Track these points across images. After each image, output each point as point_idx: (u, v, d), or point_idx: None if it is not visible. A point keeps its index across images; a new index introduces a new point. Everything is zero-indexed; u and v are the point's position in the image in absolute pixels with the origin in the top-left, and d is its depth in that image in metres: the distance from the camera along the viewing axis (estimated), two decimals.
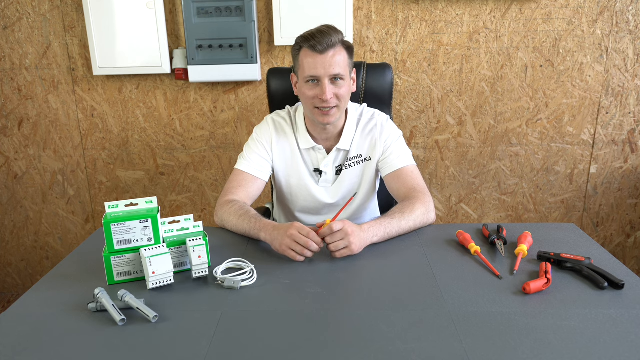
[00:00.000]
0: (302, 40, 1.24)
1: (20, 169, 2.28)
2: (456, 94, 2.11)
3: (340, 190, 1.40)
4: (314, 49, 1.21)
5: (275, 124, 1.39)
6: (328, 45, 1.21)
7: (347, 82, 1.27)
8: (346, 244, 1.06)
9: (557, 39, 2.03)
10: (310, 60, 1.23)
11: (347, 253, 1.07)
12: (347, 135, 1.37)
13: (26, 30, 2.09)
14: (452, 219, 2.31)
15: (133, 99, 2.16)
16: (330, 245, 1.07)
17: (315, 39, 1.21)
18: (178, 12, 2.06)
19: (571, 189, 2.23)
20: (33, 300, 0.96)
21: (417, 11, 2.02)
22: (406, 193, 1.30)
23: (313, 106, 1.27)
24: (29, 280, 2.48)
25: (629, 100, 2.10)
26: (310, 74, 1.23)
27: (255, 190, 1.35)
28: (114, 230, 0.98)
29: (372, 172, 1.41)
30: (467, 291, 0.95)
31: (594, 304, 0.90)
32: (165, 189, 2.29)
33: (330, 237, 1.07)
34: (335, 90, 1.24)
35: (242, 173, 1.35)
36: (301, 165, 1.39)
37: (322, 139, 1.38)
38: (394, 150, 1.37)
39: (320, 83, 1.23)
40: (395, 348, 0.78)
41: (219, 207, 1.28)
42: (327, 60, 1.21)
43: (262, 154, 1.37)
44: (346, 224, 1.08)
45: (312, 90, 1.25)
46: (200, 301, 0.94)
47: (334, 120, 1.29)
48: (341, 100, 1.26)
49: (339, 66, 1.23)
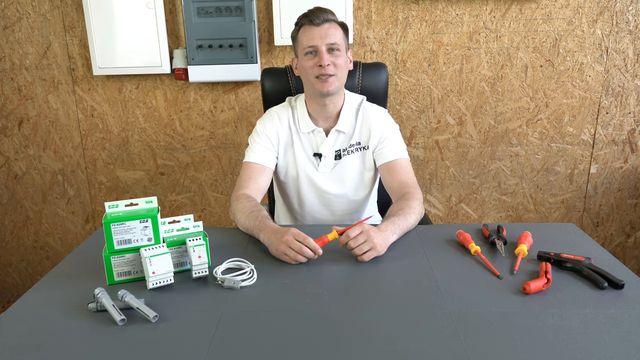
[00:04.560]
0: (301, 18, 1.34)
1: (20, 169, 2.28)
2: (456, 94, 2.11)
3: (341, 176, 1.42)
4: (312, 22, 1.31)
5: (277, 113, 1.44)
6: (324, 19, 1.31)
7: (344, 55, 1.34)
8: (371, 245, 1.07)
9: (557, 39, 2.03)
10: (307, 33, 1.32)
11: (374, 254, 1.07)
12: (344, 117, 1.40)
13: (26, 30, 2.09)
14: (452, 219, 2.31)
15: (133, 99, 2.16)
16: (355, 250, 1.07)
17: (312, 14, 1.31)
18: (178, 12, 2.06)
19: (571, 189, 2.23)
20: (33, 300, 0.95)
21: (417, 11, 2.02)
22: (399, 187, 1.34)
23: (313, 76, 1.32)
24: (29, 280, 2.48)
25: (629, 100, 2.10)
26: (309, 44, 1.31)
27: (265, 181, 1.39)
28: (114, 230, 0.98)
29: (371, 162, 1.44)
30: (467, 291, 0.95)
31: (594, 304, 0.90)
32: (165, 189, 2.29)
33: (353, 242, 1.07)
34: (333, 59, 1.31)
35: (251, 165, 1.38)
36: (300, 150, 1.42)
37: (321, 119, 1.41)
38: (390, 141, 1.40)
39: (318, 51, 1.30)
40: (395, 348, 0.78)
41: (232, 201, 1.31)
42: (324, 31, 1.30)
43: (266, 144, 1.40)
44: (364, 226, 1.09)
45: (311, 61, 1.32)
46: (200, 301, 0.94)
47: (333, 89, 1.33)
48: (339, 69, 1.32)
49: (335, 37, 1.31)
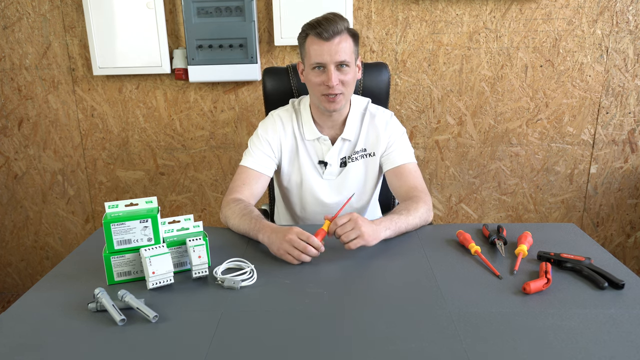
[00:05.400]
0: (308, 28, 1.26)
1: (20, 169, 2.28)
2: (456, 94, 2.11)
3: (345, 183, 1.41)
4: (320, 36, 1.23)
5: (281, 118, 1.40)
6: (334, 32, 1.22)
7: (353, 69, 1.29)
8: (358, 233, 1.06)
9: (557, 39, 2.03)
10: (316, 47, 1.24)
11: (361, 242, 1.06)
12: (350, 125, 1.38)
13: (26, 30, 2.09)
14: (452, 219, 2.30)
15: (133, 99, 2.16)
16: (342, 237, 1.06)
17: (321, 26, 1.22)
18: (178, 12, 2.06)
19: (571, 189, 2.23)
20: (33, 300, 0.96)
21: (417, 11, 2.02)
22: (407, 191, 1.31)
23: (320, 93, 1.28)
24: (29, 280, 2.48)
25: (629, 100, 2.10)
26: (317, 60, 1.25)
27: (260, 188, 1.36)
28: (114, 230, 0.98)
29: (375, 168, 1.42)
30: (467, 291, 0.95)
31: (594, 304, 0.90)
32: (165, 189, 2.29)
33: (340, 229, 1.07)
34: (341, 76, 1.26)
35: (247, 170, 1.35)
36: (305, 157, 1.39)
37: (327, 127, 1.39)
38: (397, 146, 1.38)
39: (326, 69, 1.25)
40: (395, 348, 0.78)
41: (223, 206, 1.29)
42: (333, 47, 1.23)
43: (266, 150, 1.37)
44: (353, 214, 1.08)
45: (318, 77, 1.27)
46: (200, 301, 0.94)
47: (340, 107, 1.31)
48: (347, 86, 1.28)
49: (345, 53, 1.24)
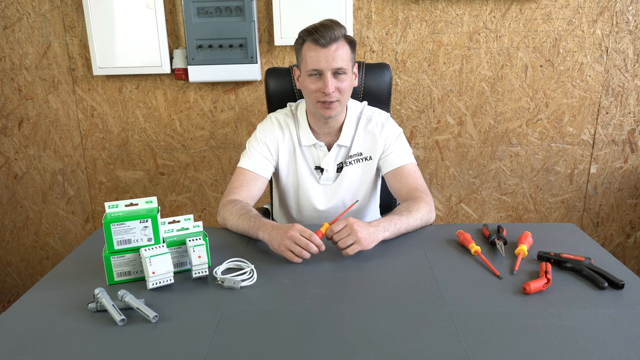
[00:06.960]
0: (305, 34, 1.25)
1: (20, 169, 2.28)
2: (456, 94, 2.11)
3: (341, 188, 1.40)
4: (317, 42, 1.22)
5: (279, 122, 1.40)
6: (331, 39, 1.22)
7: (349, 76, 1.28)
8: (354, 239, 1.05)
9: (557, 39, 2.03)
10: (313, 53, 1.23)
11: (358, 248, 1.06)
12: (346, 131, 1.38)
13: (26, 30, 2.09)
14: (452, 219, 2.30)
15: (133, 99, 2.16)
16: (338, 243, 1.06)
17: (319, 33, 1.22)
18: (178, 12, 2.06)
19: (571, 189, 2.23)
20: (33, 300, 0.96)
21: (417, 11, 2.02)
22: (408, 192, 1.31)
23: (316, 100, 1.28)
24: (29, 280, 2.48)
25: (629, 100, 2.10)
26: (313, 67, 1.24)
27: (257, 190, 1.35)
28: (114, 230, 0.98)
29: (372, 172, 1.41)
30: (467, 291, 0.95)
31: (594, 304, 0.90)
32: (165, 189, 2.29)
33: (336, 235, 1.06)
34: (338, 84, 1.25)
35: (245, 172, 1.35)
36: (302, 163, 1.39)
37: (323, 134, 1.38)
38: (394, 148, 1.37)
39: (323, 76, 1.24)
40: (395, 348, 0.78)
41: (221, 207, 1.29)
42: (330, 54, 1.22)
43: (264, 153, 1.37)
44: (349, 219, 1.07)
45: (314, 84, 1.26)
46: (200, 301, 0.94)
47: (336, 114, 1.30)
48: (343, 94, 1.28)
49: (342, 60, 1.24)
